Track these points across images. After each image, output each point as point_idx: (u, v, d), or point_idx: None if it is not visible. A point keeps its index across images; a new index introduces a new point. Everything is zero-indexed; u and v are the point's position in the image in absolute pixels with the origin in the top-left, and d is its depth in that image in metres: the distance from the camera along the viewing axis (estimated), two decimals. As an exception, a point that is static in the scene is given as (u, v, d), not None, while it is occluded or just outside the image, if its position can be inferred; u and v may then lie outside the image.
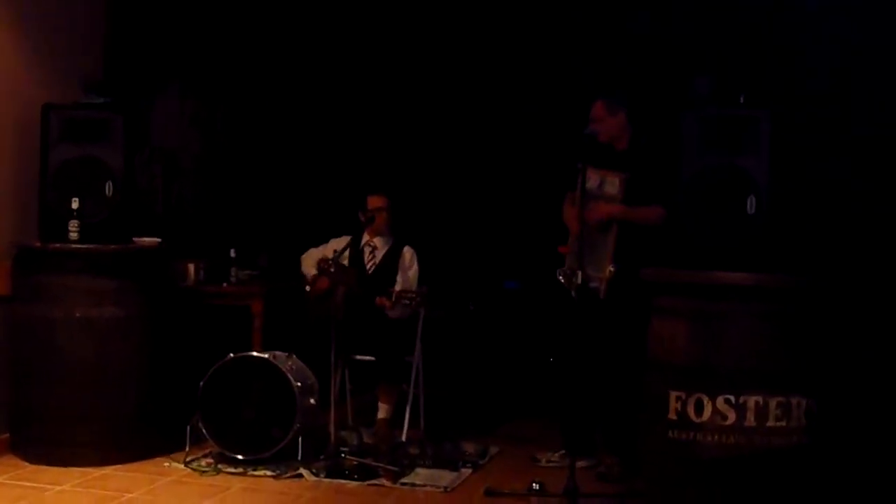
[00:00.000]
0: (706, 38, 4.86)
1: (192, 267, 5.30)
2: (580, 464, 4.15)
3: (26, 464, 4.35)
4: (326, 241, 5.15)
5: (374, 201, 5.10)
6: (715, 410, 3.54)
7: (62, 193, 4.49)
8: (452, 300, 5.34)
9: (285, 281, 5.39)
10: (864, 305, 4.25)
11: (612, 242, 4.25)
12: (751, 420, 3.52)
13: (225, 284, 5.37)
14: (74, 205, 4.44)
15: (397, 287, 4.92)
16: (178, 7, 5.68)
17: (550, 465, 4.53)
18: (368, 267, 5.16)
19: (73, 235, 4.43)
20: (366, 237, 5.17)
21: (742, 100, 3.82)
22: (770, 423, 3.53)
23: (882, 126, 4.30)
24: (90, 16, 5.12)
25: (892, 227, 4.31)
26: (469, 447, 4.79)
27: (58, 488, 4.02)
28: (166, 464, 4.41)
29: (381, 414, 4.95)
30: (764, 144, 3.72)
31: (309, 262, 5.13)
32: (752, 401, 3.52)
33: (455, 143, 5.98)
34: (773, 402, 3.52)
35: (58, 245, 4.43)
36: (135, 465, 4.37)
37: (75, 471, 4.24)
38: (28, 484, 4.07)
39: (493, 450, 4.84)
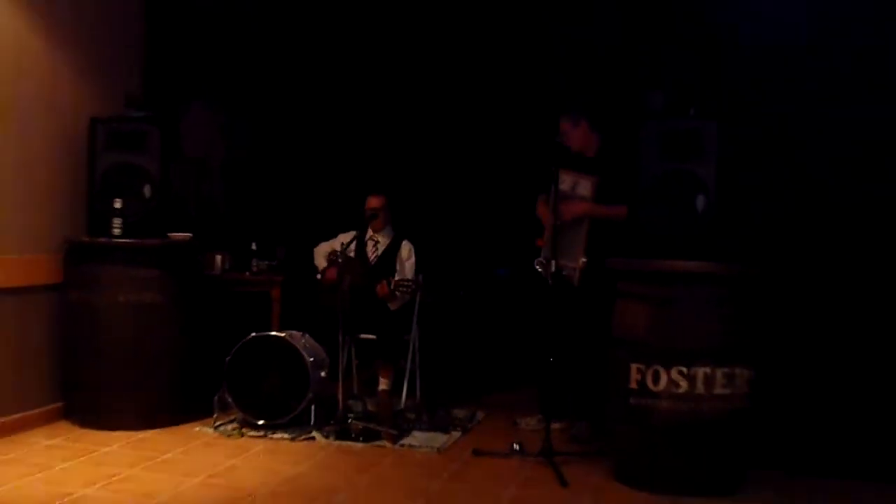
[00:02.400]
0: (661, 53, 4.93)
1: (218, 258, 5.49)
2: (555, 427, 4.36)
3: (78, 428, 4.58)
4: (335, 235, 5.31)
5: (373, 201, 5.26)
6: (670, 380, 3.74)
7: (107, 195, 4.69)
8: (445, 287, 5.39)
9: (300, 270, 5.53)
10: (798, 288, 4.38)
11: (584, 236, 4.47)
12: (700, 388, 3.72)
13: (247, 273, 5.52)
14: (117, 205, 4.65)
15: (396, 277, 5.09)
16: (206, 33, 5.85)
17: (529, 428, 4.74)
18: (371, 258, 5.33)
19: (117, 231, 4.65)
20: (370, 232, 5.34)
21: (692, 112, 4.00)
22: (717, 391, 3.73)
23: (818, 132, 4.37)
24: (132, 39, 5.29)
25: (821, 221, 4.42)
26: (459, 413, 4.99)
27: (105, 449, 4.26)
28: (197, 428, 4.61)
29: (382, 386, 5.16)
30: (711, 151, 3.94)
31: (320, 254, 5.32)
32: (701, 372, 3.72)
33: (448, 148, 6.05)
34: (719, 373, 3.74)
35: (103, 239, 4.64)
36: (170, 430, 4.57)
37: (120, 434, 4.46)
38: (81, 445, 4.31)
39: (480, 415, 5.03)
